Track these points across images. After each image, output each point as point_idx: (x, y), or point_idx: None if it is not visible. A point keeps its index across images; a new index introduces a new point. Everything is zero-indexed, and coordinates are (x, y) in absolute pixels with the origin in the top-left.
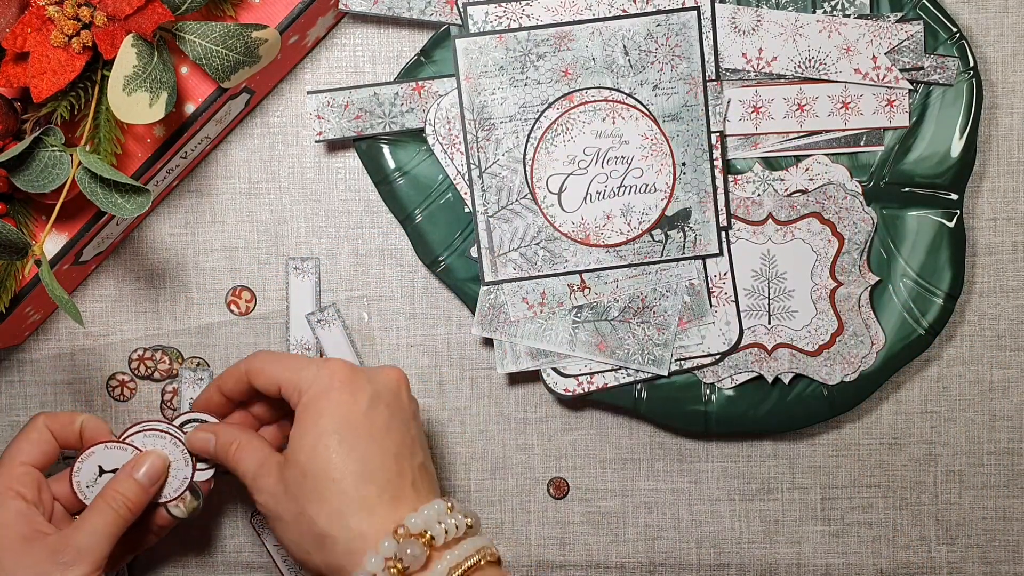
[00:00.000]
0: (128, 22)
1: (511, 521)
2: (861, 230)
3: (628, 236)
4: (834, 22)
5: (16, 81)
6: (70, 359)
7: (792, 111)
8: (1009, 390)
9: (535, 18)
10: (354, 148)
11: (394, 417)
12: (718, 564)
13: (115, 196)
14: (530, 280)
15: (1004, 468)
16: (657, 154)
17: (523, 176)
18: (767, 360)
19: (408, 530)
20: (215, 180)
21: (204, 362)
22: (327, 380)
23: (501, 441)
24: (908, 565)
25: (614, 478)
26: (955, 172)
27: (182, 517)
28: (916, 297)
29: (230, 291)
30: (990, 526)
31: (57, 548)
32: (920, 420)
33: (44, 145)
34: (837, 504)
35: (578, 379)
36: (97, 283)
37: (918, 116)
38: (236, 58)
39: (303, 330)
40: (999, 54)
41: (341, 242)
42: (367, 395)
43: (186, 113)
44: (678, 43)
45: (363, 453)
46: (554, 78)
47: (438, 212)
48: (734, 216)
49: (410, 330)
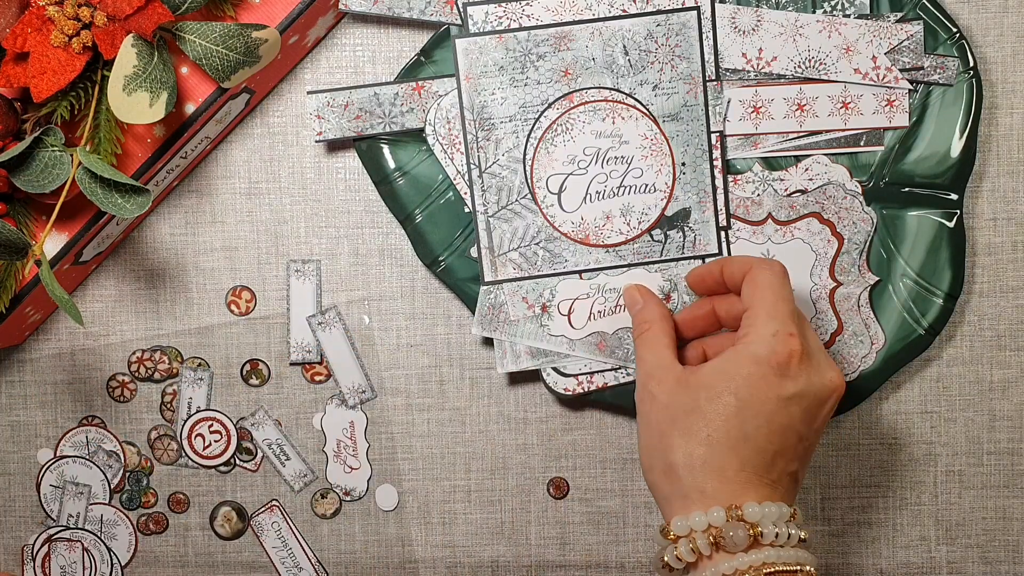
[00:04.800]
0: (128, 22)
1: (511, 521)
2: (861, 230)
3: (628, 236)
4: (834, 22)
5: (16, 81)
6: (70, 359)
7: (792, 111)
8: (1009, 390)
9: (535, 18)
10: (354, 148)
11: (802, 421)
12: None
13: (115, 196)
14: (530, 280)
15: (1004, 468)
16: (657, 154)
17: (523, 176)
18: None
19: (742, 514)
20: (215, 180)
21: (204, 362)
22: (767, 347)
23: (501, 441)
24: (908, 565)
25: (614, 478)
26: (955, 172)
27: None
28: (916, 297)
29: (230, 291)
30: (990, 526)
31: None
32: (920, 420)
33: (44, 145)
34: (837, 504)
35: (578, 379)
36: (97, 283)
37: (918, 116)
38: (236, 58)
39: (304, 332)
40: (999, 54)
41: (341, 242)
42: (793, 390)
43: (186, 113)
44: (678, 43)
45: (750, 431)
46: (554, 78)
47: (438, 212)
48: (734, 216)
49: (410, 330)
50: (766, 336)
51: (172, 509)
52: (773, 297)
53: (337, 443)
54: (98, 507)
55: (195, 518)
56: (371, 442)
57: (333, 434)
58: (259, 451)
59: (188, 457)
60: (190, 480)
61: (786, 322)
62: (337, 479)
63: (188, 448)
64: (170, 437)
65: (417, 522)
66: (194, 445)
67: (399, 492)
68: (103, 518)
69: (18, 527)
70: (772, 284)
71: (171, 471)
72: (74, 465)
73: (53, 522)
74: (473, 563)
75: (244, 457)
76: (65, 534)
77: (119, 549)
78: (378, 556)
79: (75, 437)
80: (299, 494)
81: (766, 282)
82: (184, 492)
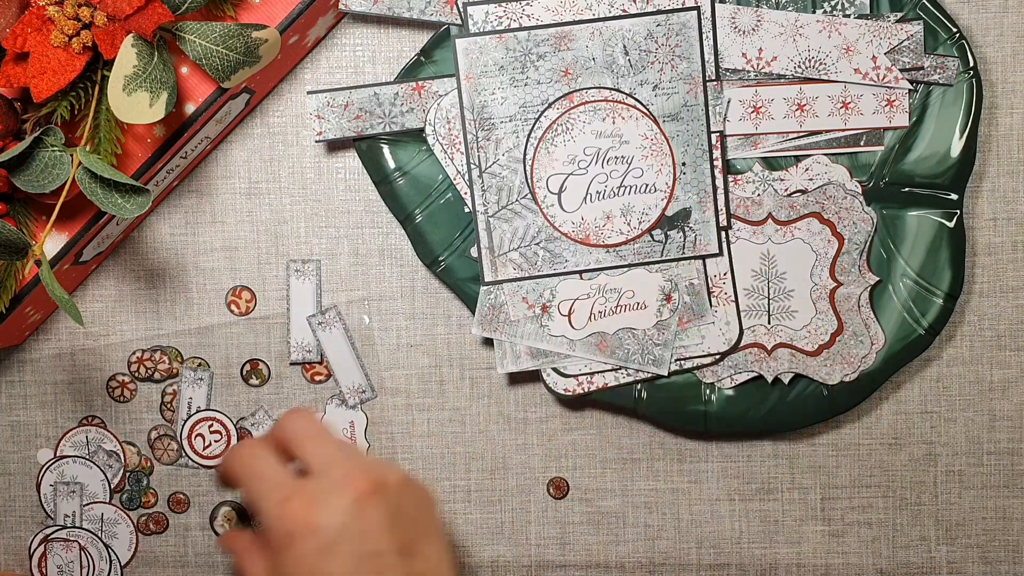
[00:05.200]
0: (128, 22)
1: (511, 521)
2: (861, 230)
3: (628, 236)
4: (834, 22)
5: (16, 81)
6: (70, 359)
7: (792, 111)
8: (1009, 390)
9: (535, 18)
10: (354, 148)
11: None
12: (718, 564)
13: (115, 196)
14: (530, 280)
15: (1004, 468)
16: (657, 154)
17: (523, 176)
18: (767, 360)
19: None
20: (215, 180)
21: (204, 362)
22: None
23: (501, 441)
24: (908, 565)
25: (614, 478)
26: (955, 172)
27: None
28: (916, 297)
29: (230, 291)
30: (990, 526)
31: None
32: (920, 420)
33: (44, 145)
34: (837, 504)
35: (578, 379)
36: (97, 283)
37: (918, 116)
38: (236, 58)
39: (304, 332)
40: (999, 54)
41: (341, 242)
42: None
43: (186, 113)
44: (678, 43)
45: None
46: (554, 78)
47: (438, 212)
48: (734, 216)
49: (410, 330)
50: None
51: (172, 509)
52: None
53: None
54: (99, 506)
55: (195, 518)
56: (371, 442)
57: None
58: None
59: (188, 457)
60: (190, 480)
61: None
62: None
63: (188, 448)
64: (170, 437)
65: None
66: (194, 445)
67: None
68: (104, 517)
69: (18, 527)
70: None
71: (171, 471)
72: (74, 465)
73: (52, 522)
74: (473, 563)
75: None
76: (61, 533)
77: (119, 548)
78: None
79: (75, 437)
80: None
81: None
82: (184, 492)
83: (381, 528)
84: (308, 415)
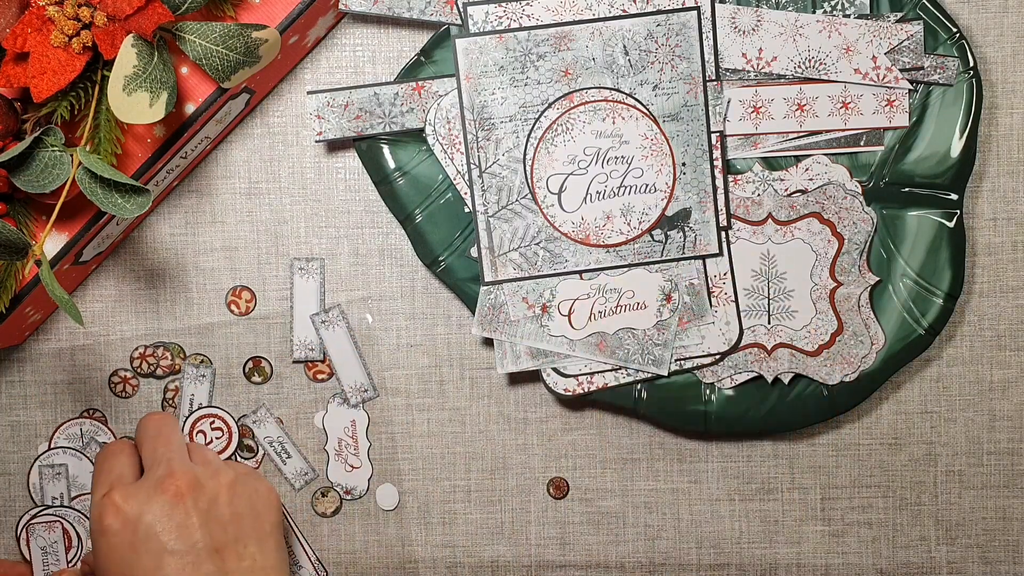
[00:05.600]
0: (128, 22)
1: (511, 521)
2: (861, 230)
3: (628, 236)
4: (834, 22)
5: (16, 81)
6: (70, 358)
7: (792, 111)
8: (1009, 390)
9: (535, 18)
10: (354, 148)
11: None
12: (718, 564)
13: (115, 196)
14: (530, 280)
15: (1004, 468)
16: (657, 154)
17: (523, 176)
18: (767, 360)
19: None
20: (215, 180)
21: (207, 359)
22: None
23: (501, 441)
24: (908, 565)
25: (614, 478)
26: (955, 172)
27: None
28: (916, 297)
29: (230, 291)
30: (990, 526)
31: None
32: (920, 420)
33: (44, 145)
34: (837, 504)
35: (578, 379)
36: (97, 283)
37: (918, 116)
38: (236, 58)
39: (307, 330)
40: (999, 54)
41: (341, 242)
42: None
43: (186, 113)
44: (678, 43)
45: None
46: (554, 78)
47: (438, 212)
48: (734, 216)
49: (410, 330)
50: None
51: None
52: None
53: (338, 442)
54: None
55: None
56: (372, 441)
57: (334, 433)
58: (260, 449)
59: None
60: None
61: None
62: (338, 478)
63: None
64: None
65: (417, 522)
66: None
67: (399, 492)
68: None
69: (18, 527)
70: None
71: None
72: (64, 455)
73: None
74: (473, 563)
75: (245, 455)
76: (44, 516)
77: None
78: (378, 556)
79: (69, 429)
80: (300, 492)
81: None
82: None
83: (192, 527)
84: (162, 417)
